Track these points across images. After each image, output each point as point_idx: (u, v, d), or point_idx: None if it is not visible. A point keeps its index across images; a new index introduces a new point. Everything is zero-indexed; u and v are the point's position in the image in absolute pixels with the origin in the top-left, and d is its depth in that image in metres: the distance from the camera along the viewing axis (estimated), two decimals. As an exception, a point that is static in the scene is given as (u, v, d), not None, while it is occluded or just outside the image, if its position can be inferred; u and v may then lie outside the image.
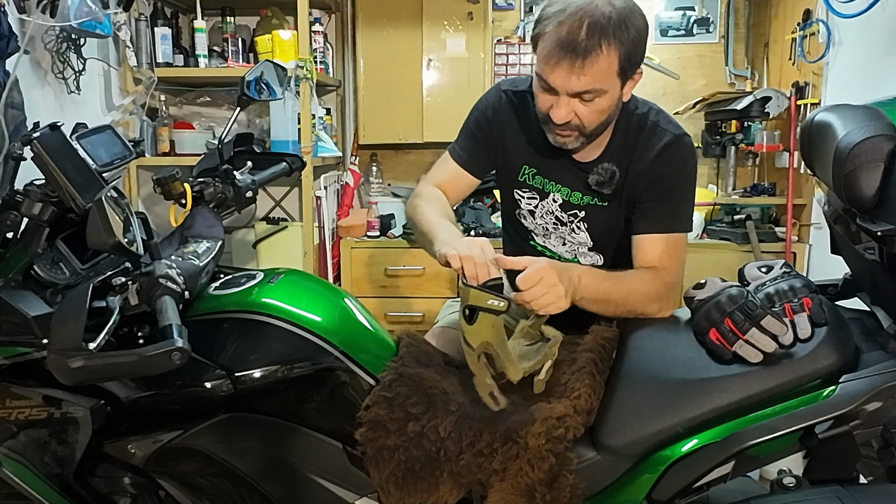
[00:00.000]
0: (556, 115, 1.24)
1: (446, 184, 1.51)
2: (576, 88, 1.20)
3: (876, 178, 1.02)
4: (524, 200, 1.48)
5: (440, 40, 3.15)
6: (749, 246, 2.93)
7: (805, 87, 2.87)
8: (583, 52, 1.16)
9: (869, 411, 1.05)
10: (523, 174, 1.45)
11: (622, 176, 1.36)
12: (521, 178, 1.46)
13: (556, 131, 1.29)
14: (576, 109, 1.24)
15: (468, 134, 1.50)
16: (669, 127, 1.35)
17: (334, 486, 1.17)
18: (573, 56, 1.17)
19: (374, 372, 1.18)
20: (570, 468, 1.08)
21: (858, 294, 1.28)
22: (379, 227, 3.17)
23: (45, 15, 1.95)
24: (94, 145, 1.17)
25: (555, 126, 1.27)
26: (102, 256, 1.20)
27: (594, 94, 1.21)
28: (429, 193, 1.47)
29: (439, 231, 1.26)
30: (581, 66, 1.17)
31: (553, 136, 1.31)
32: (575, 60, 1.17)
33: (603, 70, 1.19)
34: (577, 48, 1.16)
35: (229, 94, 3.04)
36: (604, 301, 1.22)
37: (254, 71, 1.39)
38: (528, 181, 1.45)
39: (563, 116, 1.24)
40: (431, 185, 1.50)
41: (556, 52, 1.18)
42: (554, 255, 1.51)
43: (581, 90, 1.20)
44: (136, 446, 1.14)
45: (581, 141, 1.30)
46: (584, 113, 1.24)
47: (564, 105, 1.23)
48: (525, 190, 1.46)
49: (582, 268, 1.22)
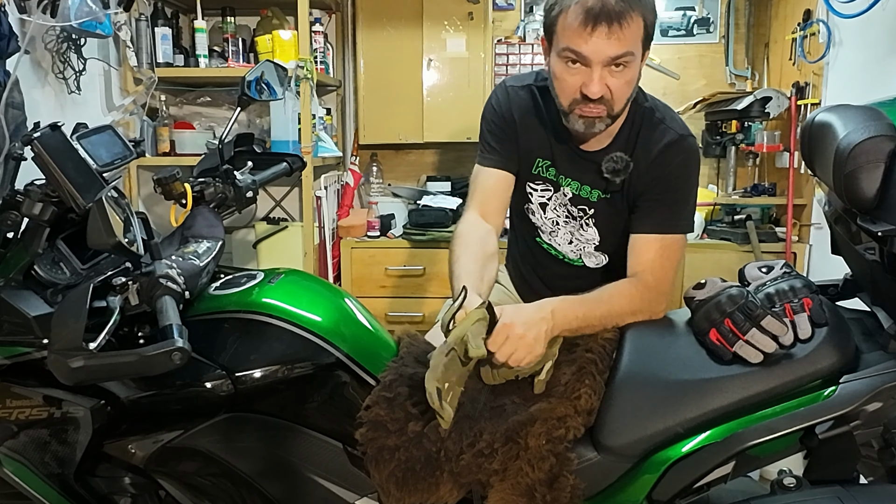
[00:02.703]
0: (592, 89, 1.23)
1: (489, 197, 1.43)
2: (612, 53, 1.20)
3: (876, 179, 1.02)
4: (536, 193, 1.47)
5: (440, 40, 3.15)
6: (749, 246, 2.93)
7: (805, 87, 2.87)
8: (617, 16, 1.17)
9: (869, 412, 1.05)
10: (537, 167, 1.44)
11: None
12: (534, 171, 1.45)
13: (585, 111, 1.27)
14: (607, 82, 1.23)
15: (490, 136, 1.46)
16: (674, 125, 1.34)
17: (334, 486, 1.17)
18: (608, 20, 1.17)
19: (374, 372, 1.18)
20: (570, 468, 1.07)
21: (859, 294, 1.28)
22: (379, 227, 3.17)
23: (46, 15, 1.96)
24: (94, 145, 1.17)
25: (585, 106, 1.26)
26: (103, 256, 1.20)
27: (627, 60, 1.21)
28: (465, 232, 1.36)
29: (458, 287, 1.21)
30: (619, 29, 1.18)
31: (578, 119, 1.28)
32: (612, 24, 1.18)
33: (635, 34, 1.20)
34: (612, 13, 1.17)
35: (229, 94, 3.04)
36: (585, 326, 1.21)
37: (254, 71, 1.39)
38: (543, 173, 1.44)
39: (598, 90, 1.23)
40: (471, 213, 1.42)
41: (590, 20, 1.18)
42: (559, 254, 1.51)
43: (617, 55, 1.20)
44: (136, 446, 1.14)
45: (606, 122, 1.29)
46: (616, 85, 1.24)
47: (598, 77, 1.22)
48: (539, 183, 1.46)
49: (554, 300, 1.19)
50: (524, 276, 1.63)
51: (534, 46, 3.32)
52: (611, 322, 1.24)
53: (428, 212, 3.09)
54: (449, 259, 1.32)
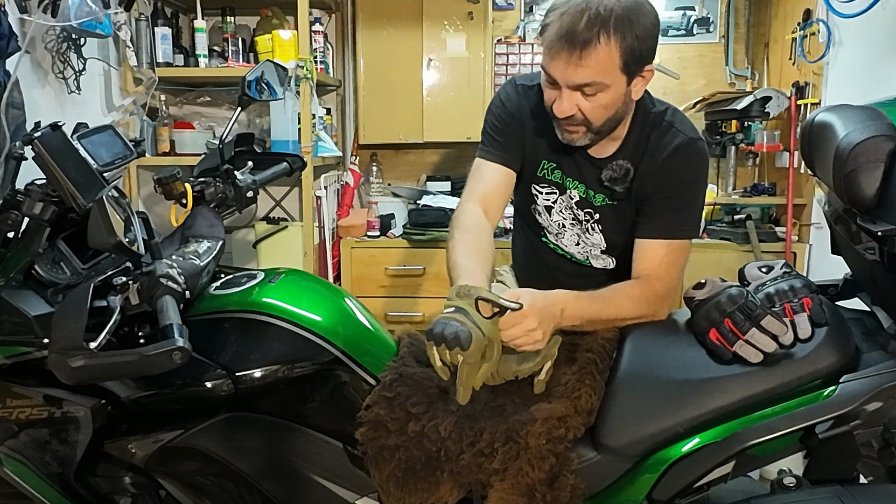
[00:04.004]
0: (558, 108, 1.24)
1: (489, 191, 1.41)
2: (575, 80, 1.19)
3: (876, 179, 1.02)
4: (542, 196, 1.46)
5: (440, 40, 3.15)
6: (749, 246, 2.93)
7: (805, 87, 2.87)
8: (581, 43, 1.15)
9: (869, 411, 1.05)
10: (542, 169, 1.43)
11: (634, 173, 1.34)
12: (540, 173, 1.44)
13: (562, 126, 1.28)
14: (579, 104, 1.23)
15: (495, 130, 1.43)
16: (684, 129, 1.33)
17: (335, 486, 1.17)
18: (571, 47, 1.16)
19: (374, 372, 1.18)
20: (570, 468, 1.08)
21: (858, 294, 1.28)
22: (379, 227, 3.17)
23: (46, 15, 1.96)
24: (94, 145, 1.18)
25: (560, 121, 1.26)
26: (103, 256, 1.20)
27: (595, 88, 1.20)
28: (466, 222, 1.34)
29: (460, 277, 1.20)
30: (579, 57, 1.16)
31: (561, 132, 1.30)
32: (573, 51, 1.16)
33: (602, 63, 1.17)
34: (576, 39, 1.15)
35: (229, 94, 3.04)
36: (588, 325, 1.22)
37: (254, 71, 1.39)
38: (548, 176, 1.43)
39: (564, 110, 1.23)
40: (472, 203, 1.39)
41: (556, 43, 1.17)
42: (566, 255, 1.50)
43: (580, 82, 1.19)
44: (136, 446, 1.15)
45: (589, 137, 1.29)
46: (588, 108, 1.23)
47: (566, 98, 1.22)
48: (544, 185, 1.44)
49: (566, 298, 1.18)
50: (530, 276, 1.62)
51: (534, 46, 3.32)
52: (614, 323, 1.24)
53: (428, 212, 3.09)
54: (450, 248, 1.30)
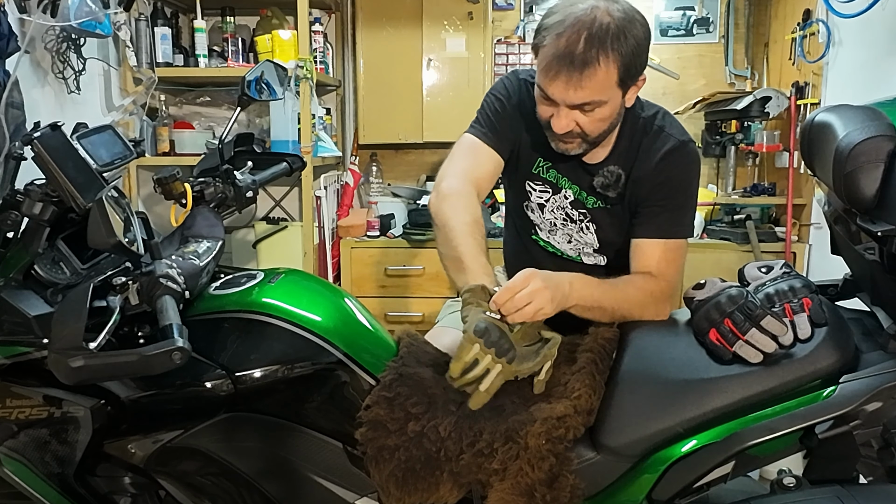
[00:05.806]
0: (557, 125, 1.25)
1: (476, 171, 1.37)
2: (574, 101, 1.21)
3: (876, 179, 1.02)
4: (535, 193, 1.46)
5: (440, 40, 3.15)
6: (749, 246, 2.93)
7: (805, 87, 2.88)
8: (580, 65, 1.16)
9: (869, 411, 1.05)
10: (538, 166, 1.44)
11: (626, 178, 1.35)
12: (535, 171, 1.44)
13: (558, 139, 1.29)
14: (577, 119, 1.24)
15: (492, 112, 1.41)
16: (674, 132, 1.34)
17: (334, 486, 1.17)
18: (570, 69, 1.16)
19: (374, 372, 1.18)
20: (570, 468, 1.08)
21: (858, 294, 1.28)
22: (379, 227, 3.17)
23: (46, 15, 1.96)
24: (94, 145, 1.17)
25: (556, 134, 1.27)
26: (103, 256, 1.20)
27: (594, 105, 1.22)
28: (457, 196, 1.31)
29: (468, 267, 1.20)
30: (579, 79, 1.17)
31: (556, 143, 1.31)
32: (573, 73, 1.17)
33: (601, 82, 1.18)
34: (575, 61, 1.16)
35: (229, 94, 3.04)
36: (597, 308, 1.22)
37: (254, 71, 1.39)
38: (542, 174, 1.44)
39: (563, 127, 1.25)
40: (459, 179, 1.35)
41: (555, 65, 1.18)
42: (557, 252, 1.51)
43: (580, 102, 1.21)
44: (136, 446, 1.14)
45: (584, 147, 1.31)
46: (586, 122, 1.25)
47: (565, 116, 1.23)
48: (538, 183, 1.45)
49: (573, 274, 1.21)
50: None
51: (533, 46, 3.32)
52: (620, 311, 1.24)
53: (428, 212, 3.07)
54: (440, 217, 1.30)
